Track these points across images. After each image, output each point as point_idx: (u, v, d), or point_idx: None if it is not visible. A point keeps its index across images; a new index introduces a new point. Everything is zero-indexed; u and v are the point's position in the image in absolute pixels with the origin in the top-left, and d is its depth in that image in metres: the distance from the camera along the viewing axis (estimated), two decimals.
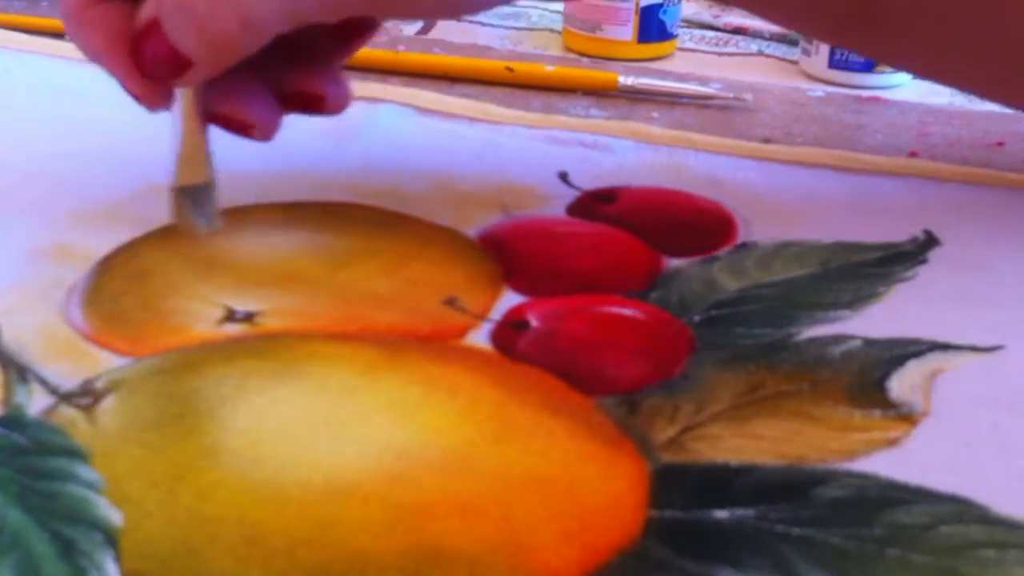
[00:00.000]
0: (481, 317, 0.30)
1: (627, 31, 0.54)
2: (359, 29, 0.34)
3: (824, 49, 0.52)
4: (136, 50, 0.30)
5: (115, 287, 0.30)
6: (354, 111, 0.35)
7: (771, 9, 0.37)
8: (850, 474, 0.24)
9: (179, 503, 0.22)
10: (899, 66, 0.48)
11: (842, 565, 0.22)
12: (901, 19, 0.34)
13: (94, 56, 0.31)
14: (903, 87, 0.53)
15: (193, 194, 0.31)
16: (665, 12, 0.54)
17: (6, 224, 0.33)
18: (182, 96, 0.31)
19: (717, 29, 0.61)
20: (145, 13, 0.29)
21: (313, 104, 0.33)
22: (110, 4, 0.30)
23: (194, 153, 0.31)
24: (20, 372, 0.26)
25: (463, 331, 0.29)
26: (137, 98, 0.31)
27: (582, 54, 0.55)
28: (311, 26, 0.30)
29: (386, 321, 0.29)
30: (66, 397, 0.26)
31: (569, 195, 0.37)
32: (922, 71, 0.39)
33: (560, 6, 0.57)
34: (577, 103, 0.47)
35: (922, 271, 0.33)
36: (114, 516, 0.22)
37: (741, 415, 0.26)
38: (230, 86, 0.31)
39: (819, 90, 0.50)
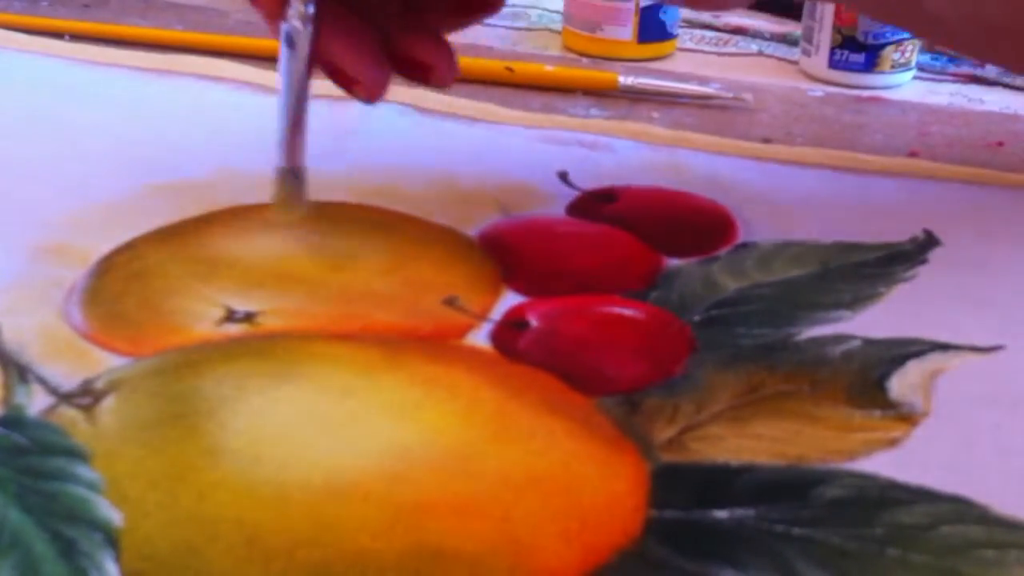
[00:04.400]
0: (481, 317, 0.30)
1: (627, 31, 0.54)
2: (481, 3, 0.34)
3: (824, 49, 0.52)
4: None
5: (115, 287, 0.30)
6: (353, 110, 0.35)
7: None
8: (850, 474, 0.24)
9: (179, 503, 0.22)
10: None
11: (842, 565, 0.22)
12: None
13: None
14: (903, 87, 0.53)
15: (292, 176, 0.32)
16: (665, 12, 0.54)
17: (6, 224, 0.33)
18: (291, 67, 0.31)
19: (717, 29, 0.61)
20: None
21: (420, 73, 0.33)
22: None
23: (297, 134, 0.32)
24: (20, 372, 0.26)
25: (463, 331, 0.29)
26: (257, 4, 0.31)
27: (582, 54, 0.55)
28: None
29: (386, 321, 0.29)
30: (66, 397, 0.26)
31: (569, 195, 0.37)
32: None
33: (559, 5, 0.57)
34: (577, 103, 0.47)
35: (922, 271, 0.33)
36: (114, 516, 0.22)
37: (741, 415, 0.26)
38: (344, 31, 0.31)
39: (819, 90, 0.50)
